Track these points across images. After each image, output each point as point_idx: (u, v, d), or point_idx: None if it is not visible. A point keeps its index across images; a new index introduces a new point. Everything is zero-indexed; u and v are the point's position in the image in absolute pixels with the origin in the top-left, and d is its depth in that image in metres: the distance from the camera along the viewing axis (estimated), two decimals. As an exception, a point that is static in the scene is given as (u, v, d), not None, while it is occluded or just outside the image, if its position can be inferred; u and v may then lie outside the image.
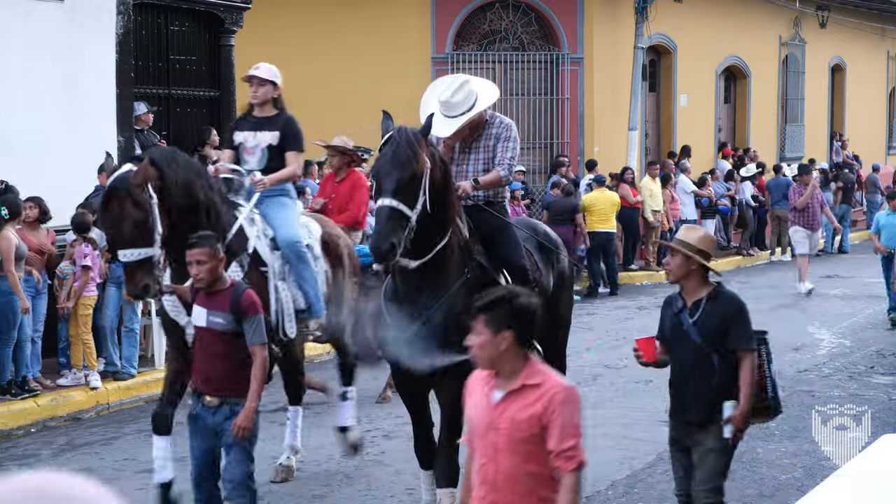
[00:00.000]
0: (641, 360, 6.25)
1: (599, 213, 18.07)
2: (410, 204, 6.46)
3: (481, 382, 4.44)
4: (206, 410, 6.46)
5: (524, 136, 20.40)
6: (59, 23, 12.54)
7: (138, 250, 6.83)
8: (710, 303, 6.08)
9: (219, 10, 15.12)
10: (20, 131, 12.04)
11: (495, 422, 4.31)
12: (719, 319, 6.03)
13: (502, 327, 4.25)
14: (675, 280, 6.19)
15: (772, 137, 27.27)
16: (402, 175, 6.47)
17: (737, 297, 6.22)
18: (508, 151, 7.43)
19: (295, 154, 8.25)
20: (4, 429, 10.21)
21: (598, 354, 13.05)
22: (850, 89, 30.58)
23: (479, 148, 7.47)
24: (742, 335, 6.04)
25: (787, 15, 26.85)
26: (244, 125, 8.41)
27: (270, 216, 7.98)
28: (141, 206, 6.83)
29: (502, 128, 7.55)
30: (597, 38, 20.71)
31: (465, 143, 7.47)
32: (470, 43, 20.37)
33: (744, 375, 6.00)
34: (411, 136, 6.61)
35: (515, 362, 4.31)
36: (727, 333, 6.02)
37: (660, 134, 23.85)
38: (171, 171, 7.05)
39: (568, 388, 4.32)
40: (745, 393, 5.97)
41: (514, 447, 4.27)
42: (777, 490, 8.16)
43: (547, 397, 4.25)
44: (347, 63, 19.58)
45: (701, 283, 6.14)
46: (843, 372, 12.15)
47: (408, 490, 8.05)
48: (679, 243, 6.12)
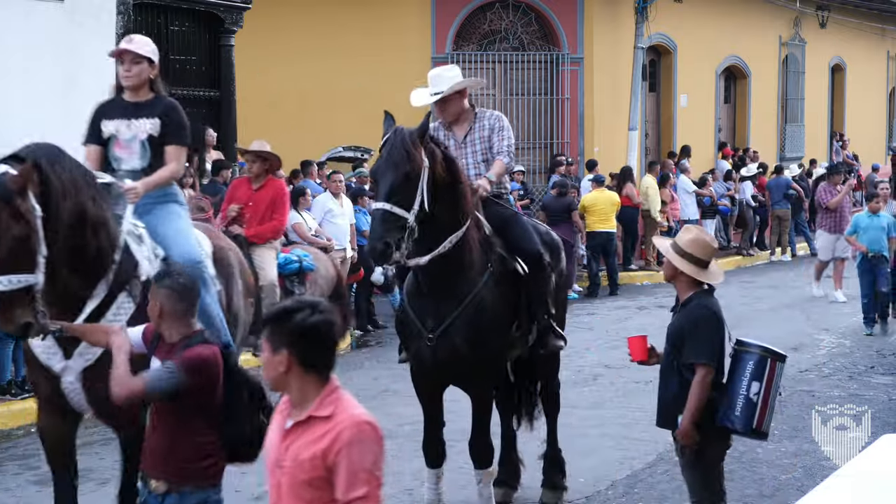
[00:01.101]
0: (632, 359, 6.16)
1: (600, 213, 18.07)
2: (406, 205, 6.44)
3: (281, 408, 3.85)
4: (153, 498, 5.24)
5: (524, 137, 20.45)
6: (59, 23, 12.53)
7: (17, 277, 5.32)
8: (683, 307, 5.97)
9: (219, 10, 15.13)
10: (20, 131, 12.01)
11: (280, 458, 3.72)
12: (681, 327, 5.90)
13: (280, 346, 3.67)
14: (667, 279, 6.17)
15: (772, 137, 27.27)
16: (395, 177, 6.45)
17: (707, 306, 5.92)
18: (505, 140, 7.49)
19: (177, 149, 6.57)
20: (4, 429, 10.21)
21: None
22: (850, 89, 30.57)
23: (474, 140, 7.51)
24: (694, 347, 5.82)
25: (787, 15, 26.85)
26: (113, 111, 6.70)
27: (159, 231, 6.36)
28: (21, 219, 5.35)
29: (494, 119, 7.58)
30: (597, 38, 20.70)
31: (460, 139, 7.50)
32: (470, 43, 20.37)
33: (691, 389, 5.79)
34: (406, 137, 6.58)
35: (304, 388, 3.70)
36: (683, 342, 5.86)
37: (660, 134, 23.85)
38: (55, 176, 5.64)
39: (360, 423, 3.64)
40: (689, 407, 5.78)
41: (297, 491, 3.66)
42: (777, 490, 8.16)
43: (334, 433, 3.62)
44: (347, 63, 19.57)
45: (689, 286, 5.95)
46: (843, 372, 12.14)
47: (407, 490, 8.04)
48: (671, 244, 6.00)
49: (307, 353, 3.68)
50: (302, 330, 3.67)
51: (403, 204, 6.43)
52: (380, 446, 3.65)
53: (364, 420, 3.66)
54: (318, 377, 3.71)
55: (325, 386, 3.71)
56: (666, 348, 5.98)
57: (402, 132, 6.67)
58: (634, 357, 6.12)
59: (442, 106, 7.57)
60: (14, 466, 9.11)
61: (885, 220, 14.44)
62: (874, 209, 14.57)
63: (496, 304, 6.99)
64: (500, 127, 7.52)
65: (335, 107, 19.32)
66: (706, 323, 5.85)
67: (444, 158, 6.77)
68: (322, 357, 3.73)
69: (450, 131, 7.59)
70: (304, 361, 3.68)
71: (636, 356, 6.11)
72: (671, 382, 5.93)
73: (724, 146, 25.10)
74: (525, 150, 20.50)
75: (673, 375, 5.91)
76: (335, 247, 14.07)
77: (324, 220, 14.18)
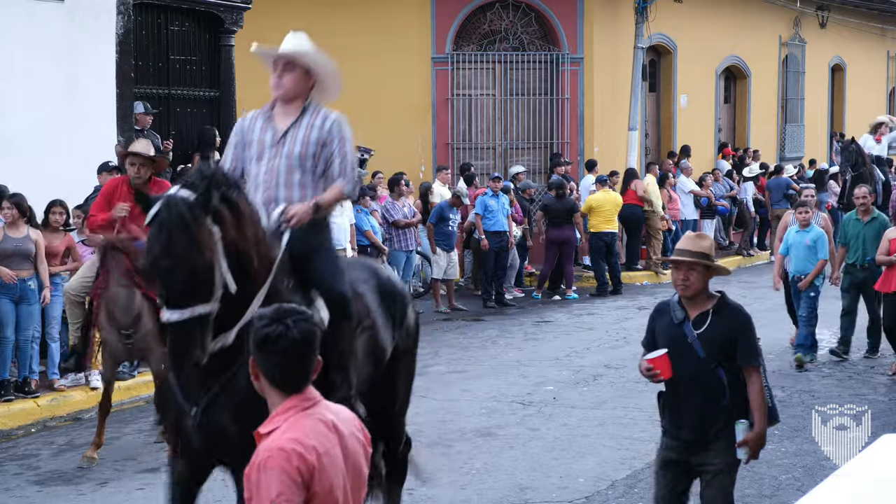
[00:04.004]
0: (658, 377, 5.76)
1: (606, 214, 18.09)
2: (205, 298, 5.01)
3: None
4: None
5: (524, 137, 20.46)
6: (60, 23, 12.54)
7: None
8: (716, 315, 5.76)
9: (219, 10, 15.13)
10: (20, 131, 12.04)
11: None
12: (726, 333, 5.72)
13: (252, 353, 3.70)
14: (693, 294, 5.77)
15: (772, 137, 27.27)
16: (183, 274, 4.96)
17: (743, 310, 5.88)
18: (347, 159, 6.08)
19: None
20: (4, 429, 10.22)
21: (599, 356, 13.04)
22: (850, 89, 30.58)
23: (295, 139, 6.02)
24: (750, 350, 5.75)
25: (787, 15, 26.85)
26: None
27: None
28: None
29: (332, 123, 6.15)
30: (597, 38, 20.71)
31: (280, 131, 6.05)
32: (470, 43, 20.37)
33: (754, 394, 5.71)
34: (184, 214, 4.99)
35: (271, 399, 3.71)
36: (734, 348, 5.72)
37: (660, 134, 23.86)
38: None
39: (272, 449, 3.56)
40: (760, 414, 5.70)
41: None
42: (777, 490, 8.17)
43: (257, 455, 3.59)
44: (347, 63, 19.38)
45: (708, 294, 5.83)
46: (843, 372, 12.15)
47: (408, 490, 8.05)
48: (692, 255, 5.76)
49: (262, 363, 3.65)
50: (255, 339, 3.65)
51: (200, 300, 5.00)
52: (288, 476, 3.51)
53: (277, 447, 3.55)
54: (278, 390, 3.66)
55: (284, 400, 3.66)
56: (700, 358, 5.70)
57: (177, 205, 5.02)
58: (665, 375, 5.73)
59: (282, 73, 6.10)
60: (14, 466, 9.11)
61: (814, 234, 12.37)
62: (804, 222, 12.41)
63: None
64: (342, 138, 6.11)
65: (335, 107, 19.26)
66: (751, 325, 5.81)
67: (235, 216, 5.20)
68: (278, 369, 3.64)
69: (270, 121, 6.11)
70: (264, 372, 3.66)
71: (666, 374, 5.72)
72: (712, 391, 5.70)
73: (725, 146, 25.10)
74: (525, 150, 20.51)
75: (712, 384, 5.70)
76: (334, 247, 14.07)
77: (324, 220, 14.17)
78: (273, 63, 6.16)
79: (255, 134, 6.10)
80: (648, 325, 6.06)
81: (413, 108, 19.72)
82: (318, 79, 6.29)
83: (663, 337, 5.86)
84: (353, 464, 3.77)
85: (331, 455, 3.67)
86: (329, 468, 3.65)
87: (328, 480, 3.64)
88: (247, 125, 6.17)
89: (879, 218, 12.69)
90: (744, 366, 5.73)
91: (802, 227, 12.41)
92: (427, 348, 13.71)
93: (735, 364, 5.73)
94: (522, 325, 15.38)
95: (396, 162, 17.94)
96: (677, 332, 5.80)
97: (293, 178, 5.99)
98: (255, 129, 6.12)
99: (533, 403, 10.83)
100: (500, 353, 13.49)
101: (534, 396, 11.11)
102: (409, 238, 16.06)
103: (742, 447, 5.72)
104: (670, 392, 5.87)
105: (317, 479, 3.60)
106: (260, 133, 6.08)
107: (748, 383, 5.73)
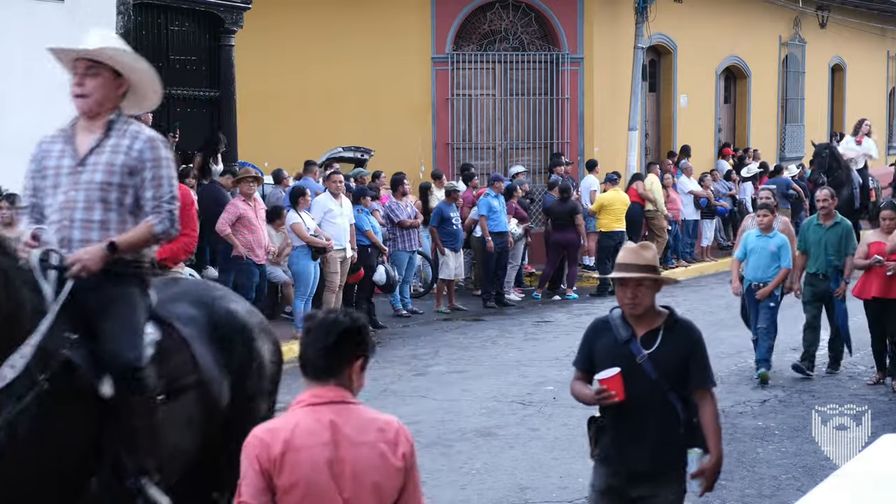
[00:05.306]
0: (612, 399, 5.15)
1: (616, 213, 18.09)
2: None
3: None
4: None
5: (524, 137, 20.46)
6: (60, 23, 12.54)
7: None
8: (667, 332, 5.25)
9: (219, 10, 15.13)
10: (20, 131, 12.02)
11: None
12: (678, 352, 5.21)
13: None
14: (642, 312, 5.25)
15: (772, 137, 27.27)
16: None
17: (694, 327, 5.37)
18: (163, 188, 5.02)
19: None
20: (4, 429, 10.21)
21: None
22: (850, 89, 30.58)
23: (98, 163, 5.01)
24: (704, 371, 5.26)
25: (787, 15, 26.85)
26: None
27: None
28: None
29: (145, 143, 5.03)
30: (597, 38, 20.70)
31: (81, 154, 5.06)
32: (470, 43, 20.37)
33: (709, 419, 5.20)
34: None
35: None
36: (687, 369, 5.21)
37: (660, 134, 23.86)
38: None
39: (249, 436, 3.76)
40: (716, 440, 5.18)
41: None
42: (777, 490, 8.16)
43: None
44: (347, 63, 19.57)
45: (656, 310, 5.31)
46: (843, 372, 12.14)
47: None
48: (639, 269, 5.23)
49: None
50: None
51: None
52: (249, 461, 3.66)
53: (252, 433, 3.73)
54: (303, 374, 3.80)
55: (307, 389, 3.78)
56: (651, 380, 5.18)
57: None
58: (620, 397, 5.13)
59: (83, 77, 5.11)
60: (14, 466, 9.10)
61: (778, 240, 11.53)
62: (766, 226, 11.54)
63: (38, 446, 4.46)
64: (155, 163, 5.02)
65: (335, 107, 19.32)
66: (703, 344, 5.33)
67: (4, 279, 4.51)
68: (301, 351, 3.81)
69: (69, 142, 5.14)
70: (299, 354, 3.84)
71: (621, 395, 5.14)
72: (664, 417, 5.19)
73: (727, 146, 25.11)
74: (525, 150, 20.51)
75: (665, 409, 5.20)
76: (334, 247, 14.09)
77: (324, 220, 14.19)
78: (73, 65, 5.11)
79: (51, 160, 5.10)
80: (583, 344, 5.45)
81: (413, 109, 19.72)
82: (130, 84, 5.16)
83: (607, 358, 5.27)
84: (354, 472, 3.70)
85: (310, 452, 3.66)
86: (302, 465, 3.65)
87: (297, 477, 3.63)
88: (43, 149, 5.17)
89: (842, 223, 11.78)
90: (697, 388, 5.24)
91: (764, 231, 11.51)
92: (427, 348, 13.72)
93: (687, 387, 5.23)
94: (522, 325, 15.38)
95: (396, 162, 17.93)
96: (624, 352, 5.24)
97: (93, 215, 4.97)
98: (51, 153, 5.12)
99: (533, 403, 10.83)
100: (500, 353, 13.49)
101: (534, 396, 11.11)
102: (412, 238, 16.07)
103: (697, 478, 5.17)
104: (614, 418, 5.25)
105: (278, 471, 3.64)
106: (57, 158, 5.08)
107: (701, 407, 5.22)
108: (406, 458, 3.79)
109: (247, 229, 13.14)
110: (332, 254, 14.09)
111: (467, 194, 17.58)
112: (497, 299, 16.91)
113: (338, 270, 14.26)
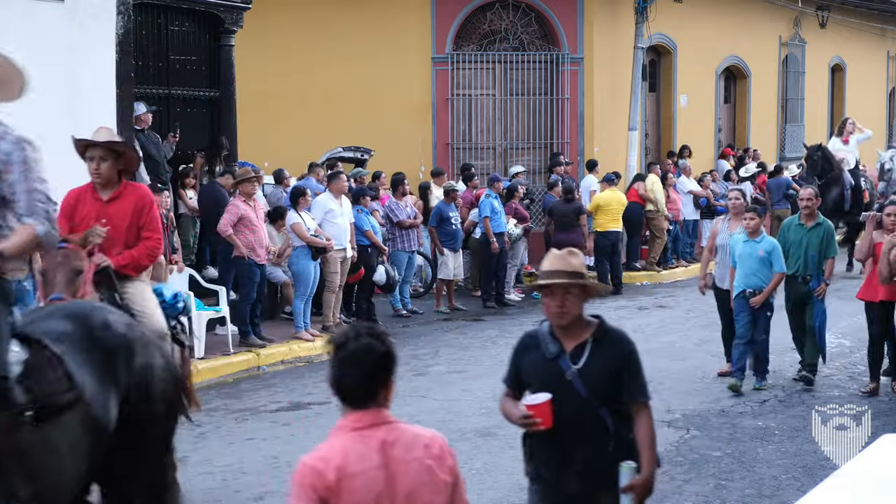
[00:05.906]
0: (538, 427, 4.91)
1: (612, 213, 18.12)
2: None
3: None
4: None
5: (524, 137, 20.46)
6: (60, 23, 12.53)
7: None
8: (596, 344, 5.02)
9: (219, 10, 15.12)
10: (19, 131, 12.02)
11: None
12: (609, 365, 4.97)
13: None
14: (570, 322, 5.01)
15: (772, 137, 27.28)
16: None
17: (626, 337, 5.12)
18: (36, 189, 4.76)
19: None
20: None
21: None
22: (850, 89, 30.58)
23: None
24: (638, 384, 5.00)
25: (787, 15, 26.86)
26: None
27: None
28: None
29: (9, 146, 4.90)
30: (597, 38, 20.71)
31: None
32: (470, 43, 20.38)
33: (644, 433, 4.95)
34: None
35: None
36: (620, 382, 4.97)
37: (660, 134, 23.86)
38: None
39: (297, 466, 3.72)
40: (650, 456, 4.93)
41: None
42: (777, 490, 8.16)
43: None
44: (347, 63, 19.57)
45: (584, 321, 5.07)
46: (843, 372, 12.15)
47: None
48: (567, 275, 4.99)
49: (329, 373, 3.78)
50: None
51: None
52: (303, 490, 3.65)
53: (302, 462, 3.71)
54: (340, 401, 3.77)
55: (347, 415, 3.76)
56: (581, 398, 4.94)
57: None
58: (547, 425, 4.90)
59: None
60: (14, 466, 9.10)
61: (767, 245, 11.07)
62: (753, 230, 11.01)
63: None
64: (24, 165, 4.76)
65: (335, 107, 19.32)
66: (637, 354, 5.07)
67: None
68: (333, 380, 3.76)
69: None
70: (330, 383, 3.79)
71: (548, 423, 4.90)
72: (596, 435, 4.96)
73: (729, 147, 25.12)
74: (525, 150, 20.52)
75: (596, 426, 4.96)
76: (334, 247, 14.09)
77: (324, 220, 14.19)
78: None
79: None
80: (512, 361, 5.18)
81: (413, 108, 19.72)
82: None
83: (536, 375, 5.05)
84: (407, 490, 3.74)
85: (364, 477, 3.68)
86: (358, 490, 3.66)
87: (354, 503, 3.66)
88: None
89: (825, 224, 11.40)
90: (632, 402, 4.99)
91: (751, 235, 11.01)
92: (427, 348, 13.73)
93: (619, 400, 4.99)
94: (522, 325, 15.33)
95: (396, 162, 17.94)
96: (553, 369, 4.99)
97: None
98: None
99: (533, 403, 10.81)
100: (500, 353, 13.46)
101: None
102: (412, 238, 16.07)
103: (627, 493, 4.89)
104: (545, 437, 4.99)
105: (335, 498, 3.63)
106: None
107: (636, 421, 4.98)
108: (453, 472, 3.87)
109: (248, 229, 13.13)
110: (332, 254, 14.09)
111: (467, 194, 17.58)
112: (497, 299, 16.92)
113: (338, 270, 14.26)
